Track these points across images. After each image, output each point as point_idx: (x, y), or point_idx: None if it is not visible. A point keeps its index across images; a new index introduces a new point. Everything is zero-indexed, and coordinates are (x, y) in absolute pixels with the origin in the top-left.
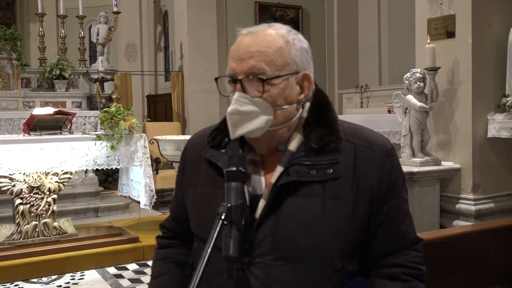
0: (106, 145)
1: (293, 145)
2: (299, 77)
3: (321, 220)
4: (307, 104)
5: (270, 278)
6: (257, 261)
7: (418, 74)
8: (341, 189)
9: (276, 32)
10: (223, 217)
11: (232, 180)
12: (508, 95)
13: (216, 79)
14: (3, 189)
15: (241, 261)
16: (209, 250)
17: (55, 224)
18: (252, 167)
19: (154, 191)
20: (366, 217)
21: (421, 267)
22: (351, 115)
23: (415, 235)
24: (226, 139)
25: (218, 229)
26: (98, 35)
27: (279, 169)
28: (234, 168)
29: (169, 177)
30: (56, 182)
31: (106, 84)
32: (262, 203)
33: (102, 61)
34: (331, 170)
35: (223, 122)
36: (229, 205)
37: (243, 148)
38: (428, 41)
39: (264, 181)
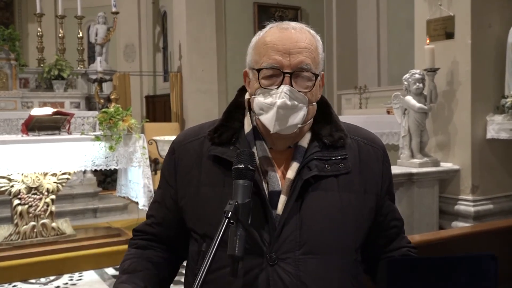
0: (105, 146)
1: (304, 142)
2: (321, 76)
3: (341, 212)
4: None
5: (301, 272)
6: (286, 257)
7: (417, 75)
8: (352, 183)
9: (309, 31)
10: (229, 216)
11: (240, 178)
12: (507, 96)
13: (258, 70)
14: (1, 189)
15: (241, 259)
16: (214, 248)
17: (54, 224)
18: (266, 164)
19: (153, 192)
20: (374, 210)
21: (413, 245)
22: (350, 116)
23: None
24: (234, 136)
25: (224, 227)
26: (96, 36)
27: (295, 165)
28: (242, 166)
29: None
30: (54, 182)
31: (104, 85)
32: (283, 199)
33: (100, 61)
34: (342, 165)
35: (227, 119)
36: (236, 203)
37: (255, 144)
38: (427, 42)
39: (279, 177)
